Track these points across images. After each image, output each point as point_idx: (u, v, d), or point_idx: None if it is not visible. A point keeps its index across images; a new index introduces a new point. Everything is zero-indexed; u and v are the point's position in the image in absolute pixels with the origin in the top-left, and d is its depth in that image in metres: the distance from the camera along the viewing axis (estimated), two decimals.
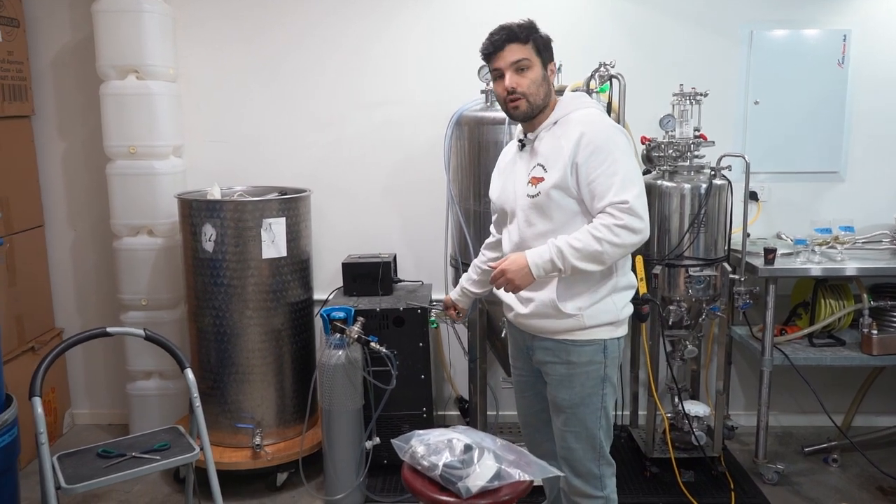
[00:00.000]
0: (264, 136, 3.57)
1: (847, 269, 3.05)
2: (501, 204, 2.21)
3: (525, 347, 2.25)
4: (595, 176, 1.96)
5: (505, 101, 2.08)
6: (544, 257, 1.97)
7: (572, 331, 2.09)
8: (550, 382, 2.17)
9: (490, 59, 2.08)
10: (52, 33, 3.52)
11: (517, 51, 2.04)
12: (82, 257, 3.72)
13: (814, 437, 3.56)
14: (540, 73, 2.06)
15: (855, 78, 3.45)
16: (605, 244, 1.93)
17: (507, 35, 2.04)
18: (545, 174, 2.03)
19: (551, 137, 2.07)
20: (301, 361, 3.24)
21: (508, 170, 2.21)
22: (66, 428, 3.77)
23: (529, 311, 2.12)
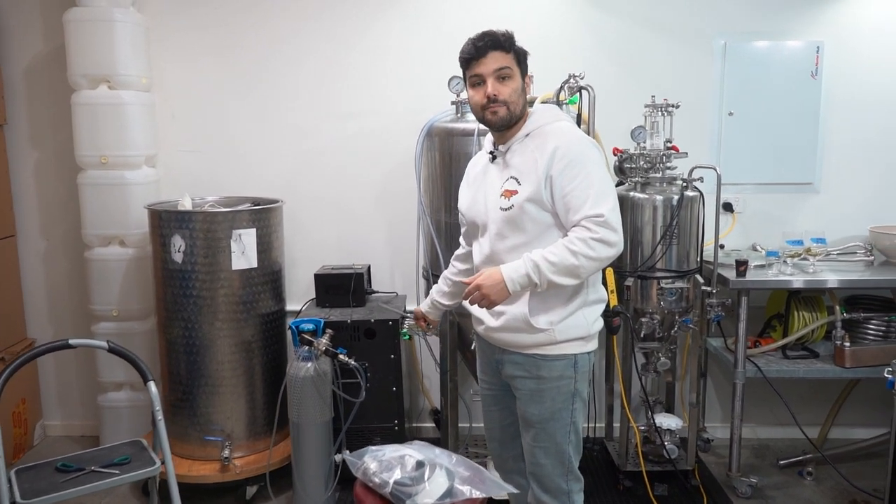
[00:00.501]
0: (240, 146, 3.56)
1: (818, 281, 3.04)
2: (472, 216, 2.17)
3: (494, 361, 2.22)
4: (570, 189, 1.96)
5: (483, 108, 2.04)
6: (520, 272, 1.94)
7: (543, 345, 2.07)
8: (520, 397, 2.14)
9: (470, 64, 2.05)
10: (25, 42, 3.51)
11: (500, 58, 2.02)
12: (54, 267, 3.69)
13: (790, 449, 3.54)
14: (519, 84, 2.07)
15: (828, 89, 3.46)
16: (581, 258, 1.92)
17: (492, 42, 2.02)
18: (518, 187, 2.02)
19: (524, 150, 2.05)
20: (272, 373, 3.21)
21: (479, 181, 2.17)
22: (38, 440, 3.73)
23: (500, 325, 2.10)
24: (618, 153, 3.15)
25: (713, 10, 3.43)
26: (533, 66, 2.97)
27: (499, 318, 2.10)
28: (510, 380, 2.17)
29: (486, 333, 2.18)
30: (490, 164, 2.14)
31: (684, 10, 3.43)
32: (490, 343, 2.21)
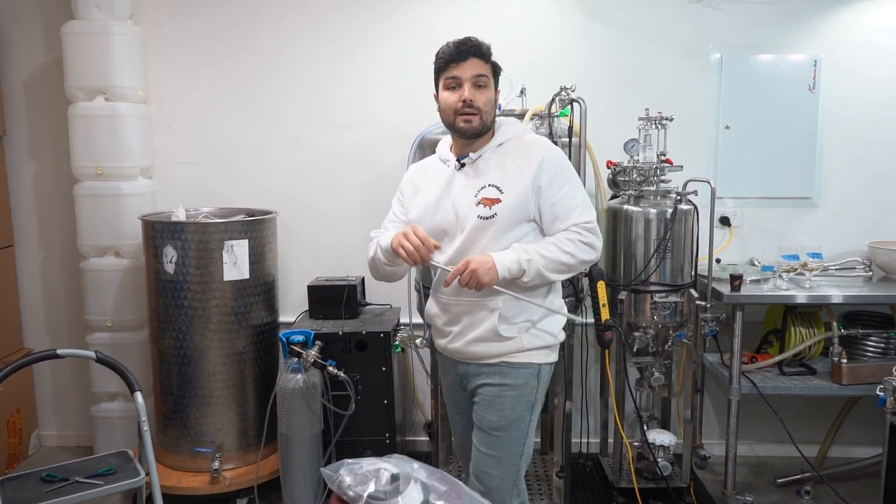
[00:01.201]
0: (235, 157, 3.57)
1: (814, 297, 3.00)
2: (436, 224, 2.12)
3: (458, 376, 2.21)
4: (558, 198, 2.04)
5: (456, 112, 2.04)
6: (511, 258, 1.98)
7: (511, 353, 2.08)
8: (479, 402, 2.12)
9: (448, 66, 2.04)
10: (25, 55, 3.54)
11: (479, 66, 2.04)
12: (52, 277, 3.71)
13: (788, 467, 3.49)
14: (493, 96, 2.08)
15: (826, 103, 3.43)
16: (570, 257, 2.01)
17: (475, 48, 2.03)
18: (501, 195, 2.03)
19: (501, 159, 2.07)
20: (264, 385, 3.20)
21: (439, 189, 2.13)
22: (33, 449, 3.74)
23: (470, 338, 2.10)
24: (611, 166, 3.13)
25: (709, 24, 3.42)
26: (527, 77, 3.03)
27: (465, 332, 2.11)
28: (474, 388, 2.16)
29: (449, 347, 2.17)
30: (455, 171, 2.12)
31: (680, 23, 3.42)
32: (453, 359, 2.20)
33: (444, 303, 2.17)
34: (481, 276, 1.95)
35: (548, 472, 3.36)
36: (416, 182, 2.22)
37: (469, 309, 2.11)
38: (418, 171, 2.25)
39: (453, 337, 2.15)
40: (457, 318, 2.14)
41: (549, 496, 3.12)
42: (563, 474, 3.00)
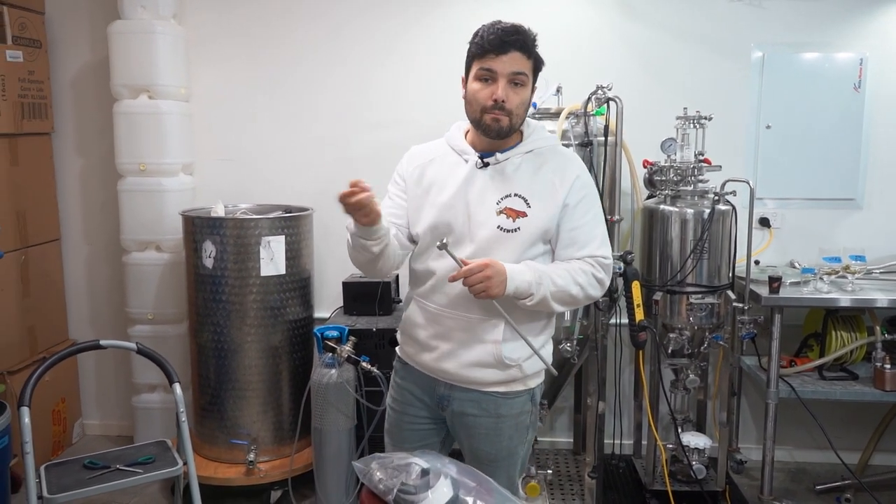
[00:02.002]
0: (272, 155, 3.63)
1: (856, 300, 2.93)
2: (443, 222, 1.87)
3: (438, 397, 1.95)
4: (582, 223, 1.86)
5: (485, 110, 1.79)
6: (524, 277, 1.76)
7: (508, 382, 1.90)
8: (473, 435, 1.93)
9: (485, 55, 1.79)
10: (73, 54, 3.65)
11: (521, 62, 1.80)
12: (96, 271, 3.81)
13: (828, 474, 3.42)
14: (528, 96, 1.85)
15: (872, 103, 3.35)
16: (580, 290, 1.84)
17: (520, 41, 1.80)
18: (528, 209, 1.83)
19: (533, 168, 1.87)
20: (299, 379, 3.25)
21: (456, 186, 1.87)
22: (77, 438, 3.85)
23: (466, 361, 1.88)
24: (648, 165, 3.10)
25: (751, 22, 3.36)
26: (563, 76, 3.01)
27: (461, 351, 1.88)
28: (458, 417, 1.94)
29: (434, 364, 1.92)
30: (476, 169, 1.87)
31: (720, 21, 3.37)
32: (433, 377, 1.95)
33: (433, 313, 1.90)
34: (493, 285, 1.72)
35: (580, 472, 3.34)
36: (423, 168, 1.94)
37: (466, 326, 1.86)
38: (424, 156, 1.97)
39: (442, 355, 1.90)
40: (448, 333, 1.89)
41: (580, 496, 3.11)
42: (595, 475, 2.99)
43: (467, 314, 1.86)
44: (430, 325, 1.91)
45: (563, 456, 3.53)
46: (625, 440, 3.49)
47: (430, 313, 1.91)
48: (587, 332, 2.96)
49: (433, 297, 1.90)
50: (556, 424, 3.68)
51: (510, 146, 1.89)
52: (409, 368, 2.01)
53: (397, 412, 2.04)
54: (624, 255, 2.77)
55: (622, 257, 2.77)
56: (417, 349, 1.96)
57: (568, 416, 3.67)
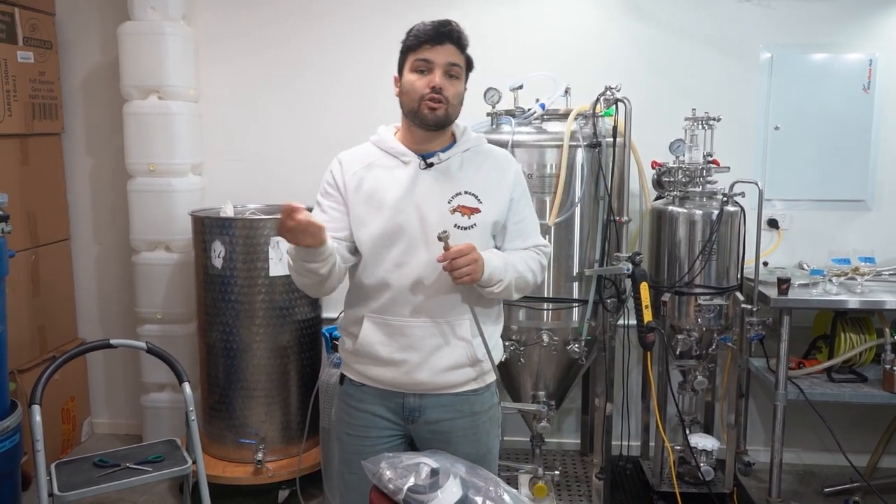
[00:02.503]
0: (280, 155, 3.64)
1: (865, 302, 2.93)
2: (395, 228, 1.80)
3: (408, 410, 1.88)
4: (525, 216, 1.93)
5: (422, 99, 1.77)
6: (495, 262, 1.79)
7: (478, 378, 1.90)
8: (451, 440, 1.86)
9: (422, 47, 1.80)
10: (83, 55, 3.67)
11: (455, 54, 1.82)
12: (106, 270, 3.84)
13: (837, 476, 3.40)
14: (463, 90, 1.86)
15: (882, 104, 3.34)
16: (533, 276, 1.91)
17: (455, 34, 1.82)
18: (480, 205, 1.83)
19: (476, 166, 1.88)
20: (307, 379, 3.25)
21: (401, 189, 1.82)
22: (85, 436, 3.87)
23: (442, 367, 1.84)
24: (656, 166, 3.10)
25: (759, 23, 3.36)
26: (570, 77, 3.01)
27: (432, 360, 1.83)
28: (431, 425, 1.88)
29: (403, 378, 1.85)
30: (420, 171, 1.83)
31: (728, 22, 3.37)
32: (400, 391, 1.87)
33: (396, 326, 1.82)
34: (478, 270, 1.72)
35: (587, 473, 3.34)
36: (361, 174, 1.85)
37: (437, 331, 1.83)
38: (359, 162, 1.88)
39: (412, 367, 1.83)
40: (416, 343, 1.82)
41: (588, 497, 3.11)
42: (602, 476, 2.99)
43: (437, 319, 1.83)
44: (392, 340, 1.84)
45: (571, 457, 3.53)
46: (632, 441, 3.49)
47: (392, 328, 1.83)
48: (595, 333, 2.96)
49: (394, 309, 1.83)
50: (564, 426, 3.68)
51: (447, 146, 1.88)
52: (365, 390, 1.90)
53: (356, 437, 1.91)
54: (632, 257, 2.77)
55: (630, 258, 2.77)
56: (379, 368, 1.86)
57: (575, 417, 3.67)
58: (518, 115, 2.90)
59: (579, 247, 2.88)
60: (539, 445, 3.12)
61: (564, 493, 3.20)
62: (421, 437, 1.92)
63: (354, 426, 1.92)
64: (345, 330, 1.95)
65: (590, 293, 2.88)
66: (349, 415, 1.93)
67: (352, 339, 1.89)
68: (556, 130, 2.83)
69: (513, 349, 2.89)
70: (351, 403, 1.93)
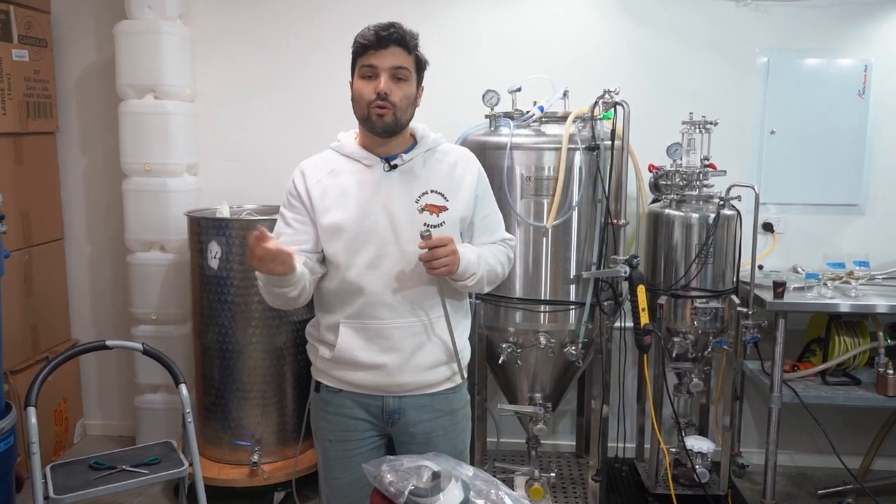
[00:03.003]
0: (277, 156, 3.61)
1: (859, 305, 2.95)
2: (364, 231, 1.81)
3: (388, 413, 1.89)
4: (490, 211, 1.98)
5: (369, 105, 1.78)
6: (469, 255, 1.82)
7: (453, 375, 1.92)
8: (430, 440, 1.88)
9: (367, 52, 1.80)
10: (78, 53, 3.65)
11: (401, 57, 1.81)
12: (99, 270, 3.81)
13: (830, 478, 3.42)
14: (413, 92, 1.84)
15: (877, 109, 3.37)
16: (502, 269, 1.97)
17: (397, 36, 1.80)
18: (447, 203, 1.86)
19: (437, 165, 1.90)
20: (303, 381, 3.24)
21: (367, 192, 1.83)
22: (78, 438, 3.84)
23: (422, 365, 1.85)
24: (653, 170, 3.11)
25: (756, 27, 3.37)
26: (569, 80, 3.01)
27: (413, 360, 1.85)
28: (410, 426, 1.90)
29: (383, 381, 1.85)
30: (384, 173, 1.84)
31: (726, 26, 3.38)
32: (377, 394, 1.88)
33: (375, 329, 1.82)
34: (454, 261, 1.74)
35: (583, 475, 3.35)
36: (324, 182, 1.86)
37: (416, 330, 1.84)
38: (320, 171, 1.89)
39: (393, 370, 1.84)
40: (396, 345, 1.83)
41: (584, 499, 3.11)
42: (598, 478, 2.99)
43: (413, 318, 1.84)
44: (372, 344, 1.83)
45: (566, 459, 3.54)
46: (627, 444, 3.49)
47: (370, 331, 1.83)
48: (592, 335, 2.97)
49: (371, 312, 1.82)
50: (558, 427, 3.69)
51: (409, 147, 1.90)
52: (343, 395, 1.89)
53: (338, 443, 1.92)
54: (630, 259, 2.77)
55: (628, 261, 2.77)
56: (359, 373, 1.85)
57: (570, 419, 3.67)
58: (516, 118, 2.90)
59: (576, 249, 2.88)
60: (535, 447, 3.12)
61: (560, 494, 3.20)
62: (401, 438, 1.94)
63: (335, 432, 1.93)
64: (317, 338, 1.94)
65: (587, 296, 2.88)
66: (328, 422, 1.94)
67: (328, 347, 1.89)
68: (555, 133, 2.84)
69: (510, 351, 2.90)
70: (329, 410, 1.93)
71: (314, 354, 1.96)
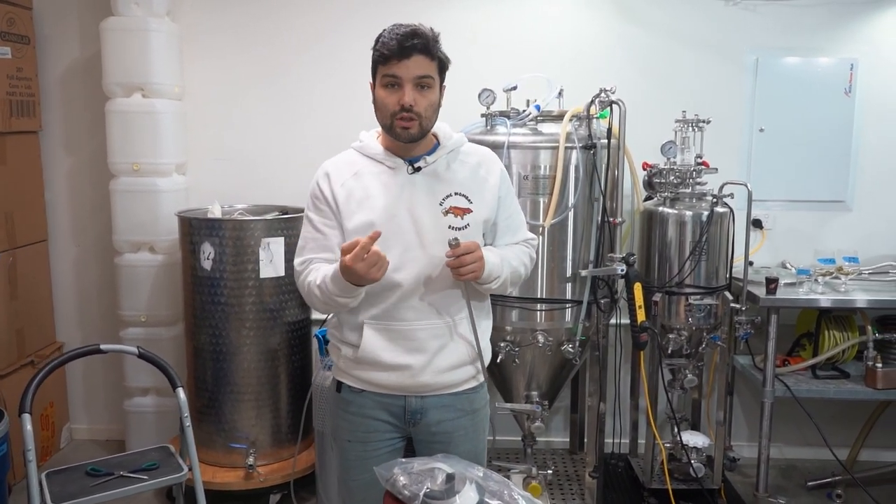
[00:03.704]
0: (267, 155, 3.59)
1: (850, 301, 3.01)
2: (388, 235, 1.75)
3: (410, 412, 1.88)
4: (513, 211, 1.97)
5: (393, 116, 1.76)
6: (493, 259, 1.81)
7: (477, 375, 1.92)
8: (452, 439, 1.88)
9: (389, 62, 1.75)
10: (62, 51, 3.57)
11: (425, 65, 1.76)
12: (85, 272, 3.74)
13: (818, 470, 3.49)
14: (437, 98, 1.81)
15: (862, 107, 3.42)
16: (525, 270, 1.97)
17: (421, 45, 1.75)
18: (471, 205, 1.84)
19: (461, 167, 1.89)
20: (297, 382, 3.22)
21: (392, 195, 1.81)
22: (64, 443, 3.77)
23: (445, 366, 1.85)
24: (647, 167, 3.13)
25: (745, 26, 3.41)
26: (563, 79, 3.02)
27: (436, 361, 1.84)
28: (433, 426, 1.89)
29: (406, 382, 1.85)
30: (409, 175, 1.83)
31: (716, 25, 3.42)
32: (399, 394, 1.87)
33: (400, 331, 1.82)
34: (481, 267, 1.75)
35: (577, 471, 3.37)
36: (348, 186, 1.83)
37: (440, 331, 1.84)
38: (344, 173, 1.86)
39: (417, 370, 1.83)
40: (420, 346, 1.83)
41: (580, 496, 3.13)
42: (596, 474, 3.01)
43: (438, 320, 1.83)
44: (396, 345, 1.83)
45: (560, 456, 3.56)
46: (622, 440, 3.52)
47: (395, 332, 1.83)
48: (589, 333, 2.98)
49: (395, 313, 1.82)
50: (552, 425, 3.70)
51: (432, 149, 1.88)
52: (366, 395, 1.88)
53: (359, 444, 1.92)
54: (626, 257, 2.79)
55: (625, 259, 2.79)
56: (382, 373, 1.84)
57: (563, 416, 3.69)
58: (513, 117, 2.90)
59: (573, 248, 2.90)
60: (531, 445, 3.14)
61: (557, 491, 3.22)
62: (422, 438, 1.93)
63: (356, 433, 1.92)
64: (340, 338, 1.92)
65: (584, 294, 2.90)
66: (349, 422, 1.92)
67: (351, 348, 1.87)
68: (551, 132, 2.85)
69: (507, 350, 2.90)
70: (351, 410, 1.92)
71: (336, 354, 1.95)
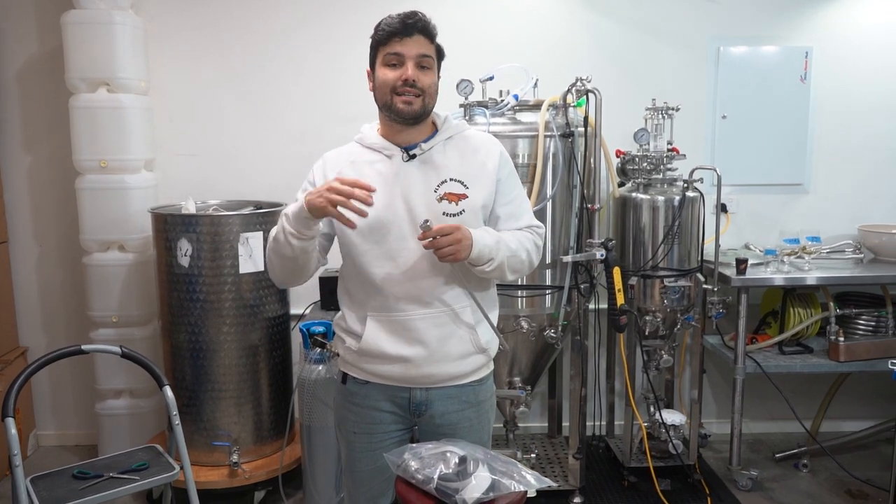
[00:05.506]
0: (238, 149, 3.54)
1: (814, 279, 3.15)
2: (382, 221, 1.78)
3: (415, 404, 1.88)
4: (514, 196, 1.92)
5: (393, 91, 1.77)
6: (486, 241, 1.76)
7: (481, 367, 1.92)
8: (457, 432, 1.88)
9: (391, 40, 1.77)
10: (18, 44, 3.44)
11: (425, 45, 1.79)
12: (48, 273, 3.63)
13: (783, 443, 3.64)
14: (436, 80, 1.84)
15: (817, 94, 3.58)
16: (528, 256, 1.89)
17: (422, 25, 1.78)
18: (467, 191, 1.82)
19: (460, 152, 1.87)
20: (278, 377, 3.20)
21: (387, 183, 1.81)
22: (31, 450, 3.65)
23: (448, 357, 1.84)
24: (620, 155, 3.21)
25: (708, 16, 3.53)
26: (537, 70, 3.07)
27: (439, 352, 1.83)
28: (437, 418, 1.89)
29: (408, 373, 1.84)
30: (403, 163, 1.82)
31: (680, 15, 3.52)
32: (407, 385, 1.87)
33: (400, 322, 1.82)
34: (462, 248, 1.70)
35: (558, 454, 3.43)
36: (344, 174, 1.81)
37: (441, 321, 1.82)
38: (340, 161, 1.88)
39: (420, 362, 1.83)
40: (422, 337, 1.82)
41: (563, 478, 3.20)
42: (579, 456, 3.08)
43: (436, 309, 1.82)
44: (398, 336, 1.82)
45: (540, 440, 3.62)
46: (597, 421, 3.61)
47: (396, 323, 1.82)
48: (570, 318, 3.04)
49: (394, 304, 1.81)
50: (530, 409, 3.75)
51: (429, 136, 1.87)
52: (371, 386, 1.89)
53: (364, 435, 1.92)
54: (605, 242, 2.86)
55: (603, 244, 2.86)
56: (386, 365, 1.84)
57: (540, 401, 3.76)
58: (491, 107, 2.93)
59: (552, 234, 2.95)
60: (513, 430, 3.19)
61: (540, 474, 3.27)
62: (426, 430, 1.92)
63: (360, 424, 1.92)
64: (345, 330, 1.92)
65: (566, 279, 2.95)
66: (354, 413, 1.92)
67: (355, 339, 1.87)
68: (530, 121, 2.89)
69: None
70: (356, 401, 1.92)
71: (341, 346, 1.94)
